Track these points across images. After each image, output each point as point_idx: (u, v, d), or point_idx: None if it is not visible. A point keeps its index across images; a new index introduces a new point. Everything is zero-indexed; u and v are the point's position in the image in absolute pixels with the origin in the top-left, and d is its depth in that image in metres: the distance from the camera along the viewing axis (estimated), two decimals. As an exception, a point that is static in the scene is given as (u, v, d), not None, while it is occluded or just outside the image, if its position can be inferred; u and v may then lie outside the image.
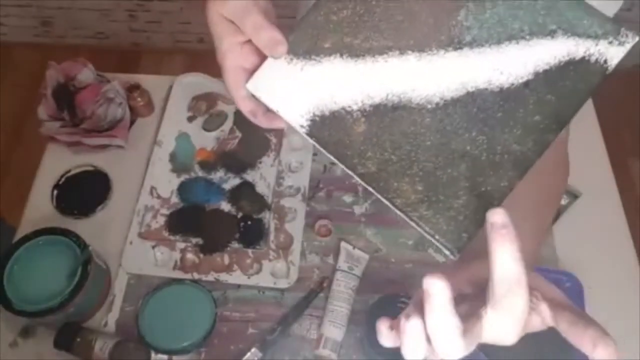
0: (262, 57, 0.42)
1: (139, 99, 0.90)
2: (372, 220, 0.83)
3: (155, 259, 0.78)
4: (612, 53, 0.38)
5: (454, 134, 0.38)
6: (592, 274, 0.77)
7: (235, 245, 0.80)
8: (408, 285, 0.78)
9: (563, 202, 0.83)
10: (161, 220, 0.81)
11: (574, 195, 0.84)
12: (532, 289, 0.33)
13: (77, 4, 1.86)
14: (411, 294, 0.73)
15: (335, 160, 0.40)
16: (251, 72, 0.42)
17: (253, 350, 0.72)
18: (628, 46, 0.38)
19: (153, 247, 0.79)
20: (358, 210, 0.84)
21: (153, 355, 0.72)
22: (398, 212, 0.38)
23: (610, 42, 0.38)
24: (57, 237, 0.72)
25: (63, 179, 0.86)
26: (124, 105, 0.89)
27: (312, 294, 0.77)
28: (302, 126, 0.40)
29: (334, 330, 0.73)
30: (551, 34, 0.39)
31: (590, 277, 0.76)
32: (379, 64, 0.40)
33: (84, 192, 0.85)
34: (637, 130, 1.77)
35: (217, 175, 0.86)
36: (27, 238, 0.72)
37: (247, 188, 0.84)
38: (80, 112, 0.87)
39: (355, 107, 0.40)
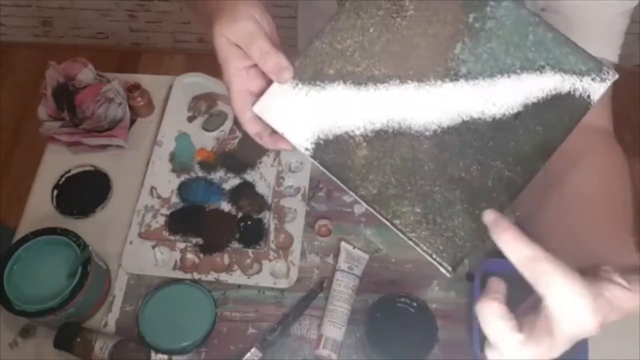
0: (268, 81, 0.44)
1: (139, 99, 0.90)
2: (372, 220, 0.83)
3: (155, 259, 0.78)
4: (595, 89, 0.41)
5: (450, 160, 0.41)
6: (592, 274, 0.77)
7: (235, 245, 0.80)
8: (408, 285, 0.78)
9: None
10: (161, 220, 0.81)
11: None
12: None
13: (77, 4, 1.86)
14: (411, 294, 0.73)
15: (338, 182, 0.42)
16: (258, 95, 0.44)
17: (253, 350, 0.72)
18: (609, 83, 0.41)
19: (153, 247, 0.79)
20: (358, 210, 0.84)
21: (153, 355, 0.72)
22: (397, 232, 0.40)
23: (593, 79, 0.41)
24: (57, 237, 0.72)
25: (63, 179, 0.85)
26: (124, 105, 0.89)
27: (312, 294, 0.77)
28: (306, 149, 0.42)
29: (334, 330, 0.73)
30: (540, 69, 0.42)
31: (591, 277, 0.76)
32: (380, 92, 0.42)
33: (84, 192, 0.85)
34: (637, 130, 1.77)
35: (217, 175, 0.86)
36: (27, 238, 0.72)
37: (247, 188, 0.84)
38: (80, 112, 0.87)
39: (357, 132, 0.42)
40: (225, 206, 0.83)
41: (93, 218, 0.83)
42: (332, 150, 0.42)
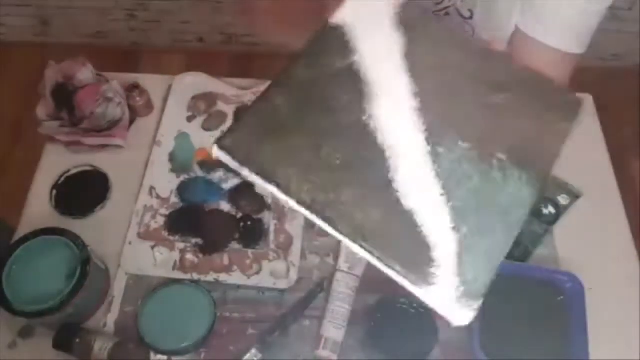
0: None
1: (138, 99, 0.90)
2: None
3: (155, 260, 0.78)
4: None
5: None
6: (593, 274, 0.77)
7: (235, 245, 0.80)
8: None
9: (564, 202, 0.83)
10: (160, 220, 0.81)
11: (575, 196, 0.84)
12: None
13: (76, 4, 1.86)
14: (411, 294, 0.73)
15: None
16: None
17: (253, 350, 0.72)
18: None
19: (152, 247, 0.79)
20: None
21: (152, 355, 0.72)
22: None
23: None
24: (56, 238, 0.72)
25: (62, 179, 0.85)
26: (123, 105, 0.89)
27: (312, 295, 0.77)
28: None
29: (334, 330, 0.72)
30: None
31: (591, 277, 0.76)
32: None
33: (83, 192, 0.85)
34: (637, 130, 1.76)
35: (217, 175, 0.85)
36: (26, 238, 0.72)
37: (247, 188, 0.84)
38: (79, 111, 0.87)
39: None
40: (225, 206, 0.83)
41: (92, 218, 0.83)
42: None
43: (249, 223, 0.81)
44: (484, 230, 0.38)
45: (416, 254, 0.37)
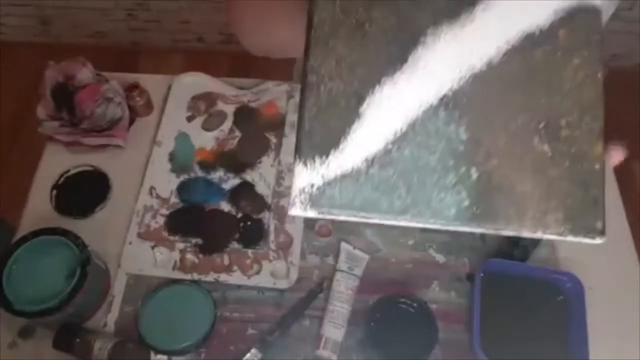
0: None
1: (138, 99, 0.90)
2: (372, 220, 0.82)
3: (155, 260, 0.78)
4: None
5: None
6: (592, 274, 0.77)
7: (235, 245, 0.80)
8: (408, 286, 0.78)
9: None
10: (160, 220, 0.81)
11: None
12: None
13: (76, 4, 1.86)
14: (411, 294, 0.73)
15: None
16: None
17: (253, 350, 0.72)
18: None
19: (152, 247, 0.79)
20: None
21: (152, 355, 0.72)
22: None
23: None
24: (56, 238, 0.72)
25: (62, 179, 0.85)
26: (123, 105, 0.89)
27: (312, 295, 0.77)
28: None
29: (334, 330, 0.72)
30: None
31: (591, 278, 0.76)
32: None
33: (83, 192, 0.85)
34: (637, 130, 1.77)
35: (217, 175, 0.85)
36: (26, 238, 0.72)
37: (247, 188, 0.84)
38: (79, 111, 0.87)
39: None
40: (225, 206, 0.83)
41: (92, 218, 0.83)
42: None
43: (249, 223, 0.81)
44: None
45: None
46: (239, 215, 0.82)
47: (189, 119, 0.91)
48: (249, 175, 0.85)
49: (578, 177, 0.32)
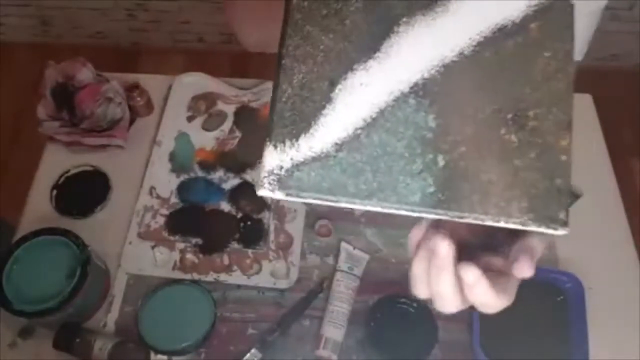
0: None
1: (138, 99, 0.90)
2: (372, 220, 0.83)
3: (155, 259, 0.78)
4: None
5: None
6: (593, 274, 0.77)
7: (235, 245, 0.80)
8: (408, 286, 0.78)
9: (564, 202, 0.83)
10: (161, 220, 0.81)
11: (575, 195, 0.84)
12: None
13: (76, 4, 1.86)
14: (411, 294, 0.73)
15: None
16: None
17: (253, 351, 0.72)
18: None
19: (152, 247, 0.79)
20: (358, 210, 0.84)
21: (152, 355, 0.72)
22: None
23: None
24: (56, 238, 0.72)
25: (62, 179, 0.85)
26: (123, 105, 0.89)
27: (312, 295, 0.77)
28: None
29: (334, 330, 0.72)
30: None
31: (591, 278, 0.76)
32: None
33: (83, 192, 0.85)
34: (638, 130, 1.77)
35: (217, 175, 0.85)
36: (26, 238, 0.72)
37: (247, 188, 0.84)
38: (79, 111, 0.87)
39: None
40: (225, 206, 0.83)
41: (92, 218, 0.83)
42: None
43: (249, 223, 0.81)
44: None
45: None
46: (239, 215, 0.82)
47: (189, 119, 0.91)
48: (249, 175, 0.85)
49: (544, 168, 0.32)
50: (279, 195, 0.33)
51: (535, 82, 0.33)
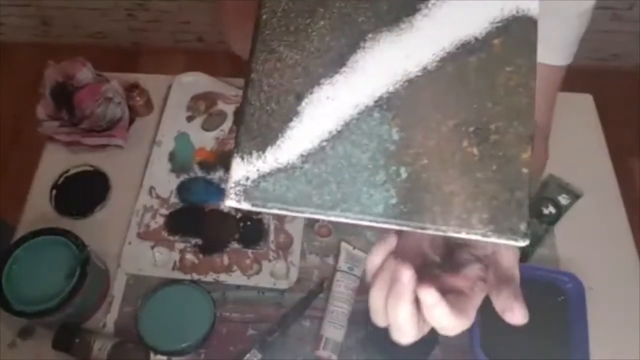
0: None
1: (138, 99, 0.90)
2: (372, 221, 0.82)
3: (154, 260, 0.78)
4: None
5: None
6: (593, 274, 0.77)
7: (234, 245, 0.80)
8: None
9: (564, 202, 0.83)
10: (160, 220, 0.81)
11: (575, 196, 0.84)
12: None
13: (76, 4, 1.86)
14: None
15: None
16: None
17: (253, 351, 0.72)
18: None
19: (152, 247, 0.79)
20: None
21: (152, 356, 0.72)
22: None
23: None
24: (56, 238, 0.72)
25: (62, 179, 0.85)
26: (123, 105, 0.89)
27: (312, 295, 0.76)
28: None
29: (335, 331, 0.72)
30: None
31: (592, 278, 0.76)
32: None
33: (83, 192, 0.85)
34: (638, 130, 1.77)
35: (217, 175, 0.85)
36: (25, 238, 0.72)
37: (246, 188, 0.84)
38: (79, 111, 0.87)
39: None
40: (225, 206, 0.83)
41: (92, 218, 0.83)
42: None
43: (249, 223, 0.81)
44: None
45: None
46: (239, 215, 0.82)
47: (189, 119, 0.91)
48: (249, 175, 0.85)
49: (504, 180, 0.32)
50: (245, 205, 0.33)
51: (497, 96, 0.34)
